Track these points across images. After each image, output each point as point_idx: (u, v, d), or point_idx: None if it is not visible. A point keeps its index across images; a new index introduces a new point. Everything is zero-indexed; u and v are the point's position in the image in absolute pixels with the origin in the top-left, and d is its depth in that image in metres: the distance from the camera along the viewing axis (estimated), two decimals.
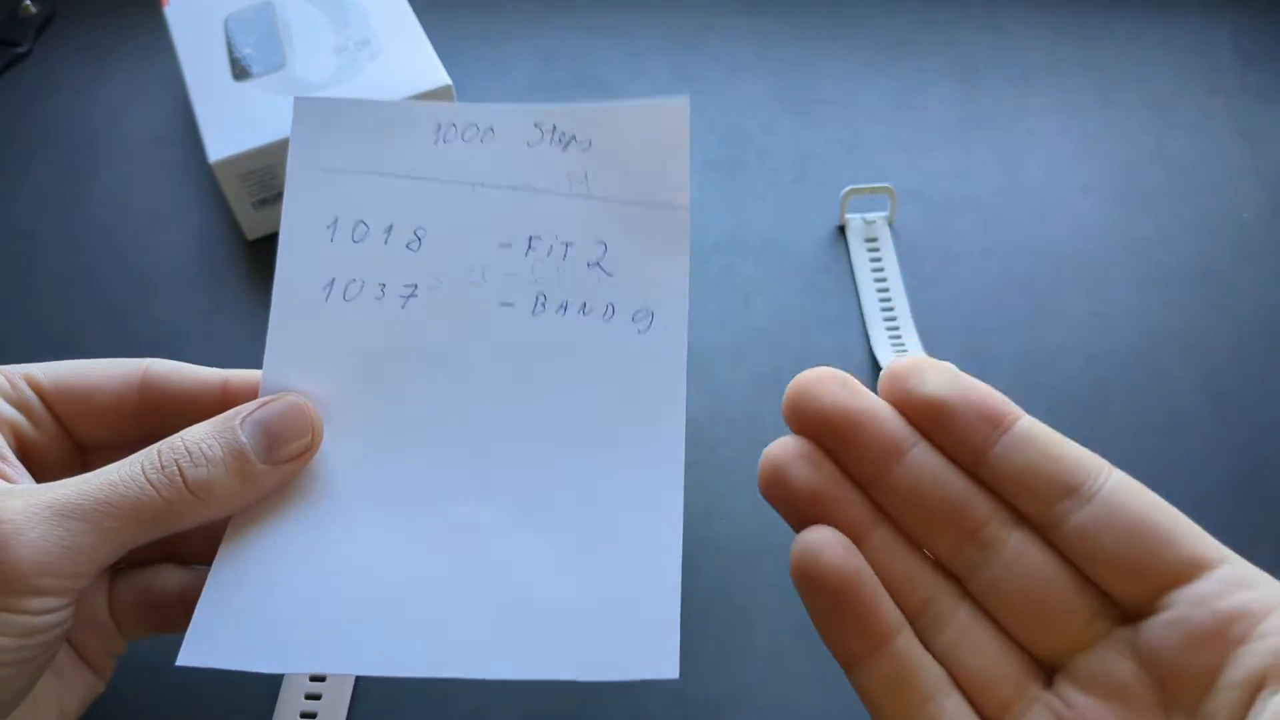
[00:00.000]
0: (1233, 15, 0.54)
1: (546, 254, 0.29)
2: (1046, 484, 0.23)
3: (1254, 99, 0.50)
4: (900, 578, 0.24)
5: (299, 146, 0.30)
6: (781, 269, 0.45)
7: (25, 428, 0.29)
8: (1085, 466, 0.23)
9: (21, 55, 0.56)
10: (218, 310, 0.45)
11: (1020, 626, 0.23)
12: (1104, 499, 0.23)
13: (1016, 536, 0.23)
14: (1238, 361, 0.41)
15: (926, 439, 0.24)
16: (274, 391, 0.29)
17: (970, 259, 0.45)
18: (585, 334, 0.29)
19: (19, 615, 0.24)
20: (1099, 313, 0.43)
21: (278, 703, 0.33)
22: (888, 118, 0.50)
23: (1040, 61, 0.52)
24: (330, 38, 0.47)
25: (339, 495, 0.28)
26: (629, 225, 0.29)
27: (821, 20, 0.55)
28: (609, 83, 0.52)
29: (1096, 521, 0.22)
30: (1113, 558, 0.22)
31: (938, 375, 0.24)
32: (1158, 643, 0.22)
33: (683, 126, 0.29)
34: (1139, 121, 0.50)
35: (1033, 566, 0.23)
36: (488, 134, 0.30)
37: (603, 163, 0.29)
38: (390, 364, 0.29)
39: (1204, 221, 0.46)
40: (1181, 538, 0.22)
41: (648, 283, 0.29)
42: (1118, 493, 0.23)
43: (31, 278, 0.47)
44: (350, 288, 0.29)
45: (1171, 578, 0.22)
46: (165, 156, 0.51)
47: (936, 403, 0.23)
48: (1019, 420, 0.23)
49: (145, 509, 0.25)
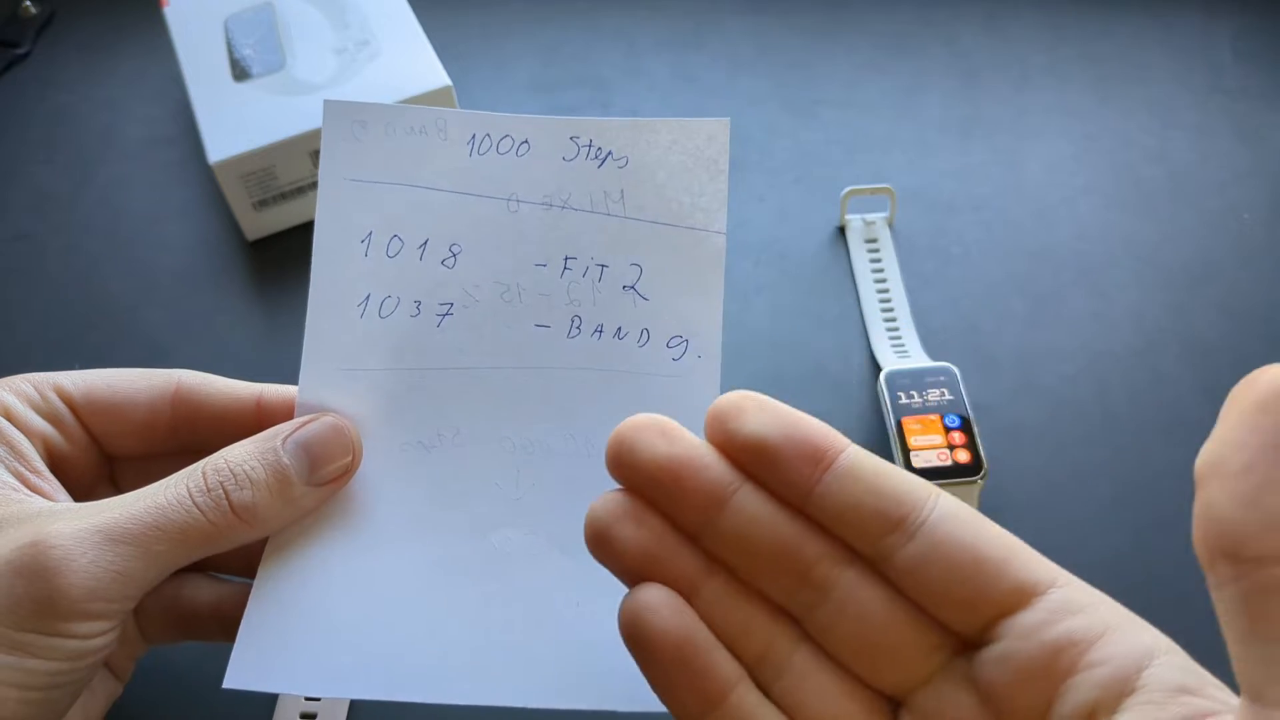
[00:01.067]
0: (1233, 15, 0.54)
1: (582, 275, 0.29)
2: (871, 519, 0.22)
3: (1254, 99, 0.50)
4: (736, 628, 0.23)
5: (330, 154, 0.29)
6: (781, 270, 0.45)
7: (56, 440, 0.29)
8: (910, 498, 0.22)
9: (21, 56, 0.56)
10: (218, 311, 0.45)
11: (860, 664, 0.23)
12: (929, 531, 0.22)
13: (849, 574, 0.23)
14: (1238, 361, 0.41)
15: (753, 480, 0.23)
16: (310, 409, 0.29)
17: (970, 259, 0.45)
18: (620, 359, 0.28)
19: (69, 640, 0.24)
20: (1099, 313, 0.43)
21: (278, 705, 0.33)
22: (888, 118, 0.50)
23: (1040, 61, 0.52)
24: (330, 38, 0.47)
25: (376, 516, 0.28)
26: (664, 248, 0.29)
27: (821, 20, 0.55)
28: (609, 82, 0.52)
29: (923, 554, 0.22)
30: (942, 590, 0.22)
31: (758, 414, 0.23)
32: (991, 676, 0.21)
33: (723, 147, 0.29)
34: (1139, 122, 0.50)
35: (867, 603, 0.22)
36: (523, 146, 0.29)
37: (639, 181, 0.29)
38: (426, 383, 0.29)
39: (1204, 222, 0.46)
40: (1011, 564, 0.22)
41: (682, 309, 0.28)
42: (943, 523, 0.22)
43: (31, 278, 0.47)
44: (386, 304, 0.29)
45: (1001, 607, 0.21)
46: (165, 157, 0.51)
47: (757, 442, 0.23)
48: (842, 454, 0.23)
49: (192, 532, 0.25)
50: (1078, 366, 0.41)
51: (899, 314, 0.43)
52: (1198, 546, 0.18)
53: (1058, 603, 0.21)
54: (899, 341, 0.42)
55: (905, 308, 0.43)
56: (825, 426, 0.23)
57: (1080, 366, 0.42)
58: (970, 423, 0.37)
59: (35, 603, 0.24)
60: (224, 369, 0.31)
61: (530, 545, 0.27)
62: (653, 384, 0.28)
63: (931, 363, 0.39)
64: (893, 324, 0.42)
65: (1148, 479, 0.38)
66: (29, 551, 0.24)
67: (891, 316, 0.43)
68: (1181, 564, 0.36)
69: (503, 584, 0.27)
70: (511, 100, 0.52)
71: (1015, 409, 0.40)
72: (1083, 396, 0.41)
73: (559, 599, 0.27)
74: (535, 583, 0.27)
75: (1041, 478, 0.38)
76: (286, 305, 0.45)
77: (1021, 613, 0.21)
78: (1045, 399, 0.40)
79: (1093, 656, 0.20)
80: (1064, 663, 0.20)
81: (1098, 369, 0.42)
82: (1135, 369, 0.41)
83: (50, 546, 0.24)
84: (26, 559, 0.24)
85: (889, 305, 0.43)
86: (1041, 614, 0.21)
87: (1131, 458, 0.39)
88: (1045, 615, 0.21)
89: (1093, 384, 0.41)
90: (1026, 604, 0.21)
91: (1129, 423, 0.40)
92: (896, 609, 0.22)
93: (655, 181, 0.29)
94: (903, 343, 0.41)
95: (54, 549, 0.24)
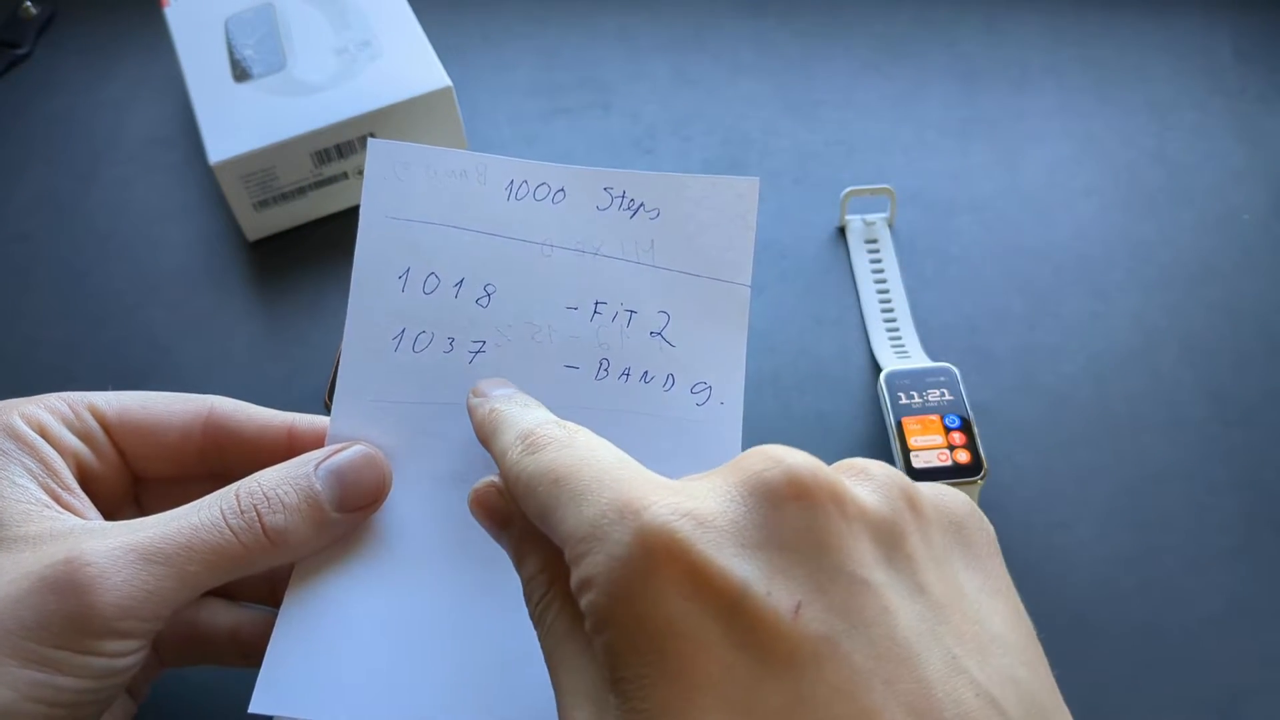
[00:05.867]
0: (1233, 16, 0.54)
1: (611, 319, 0.30)
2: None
3: (1254, 100, 0.50)
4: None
5: (373, 192, 0.30)
6: (781, 270, 0.45)
7: (87, 458, 0.29)
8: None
9: (22, 57, 0.56)
10: (218, 311, 0.45)
11: None
12: None
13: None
14: (1237, 362, 0.41)
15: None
16: (342, 438, 0.29)
17: (970, 260, 0.45)
18: (646, 402, 0.29)
19: (98, 658, 0.24)
20: (1099, 313, 0.43)
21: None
22: (888, 118, 0.50)
23: (1040, 62, 0.52)
24: (331, 39, 0.47)
25: (404, 547, 0.28)
26: (691, 297, 0.30)
27: (821, 21, 0.55)
28: (609, 83, 0.52)
29: None
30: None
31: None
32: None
33: (751, 205, 0.30)
34: (1139, 122, 0.50)
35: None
36: (559, 194, 0.30)
37: (669, 233, 0.30)
38: (458, 418, 0.29)
39: (1204, 223, 0.46)
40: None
41: (707, 356, 0.29)
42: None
43: (31, 278, 0.47)
44: (420, 339, 0.30)
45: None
46: (166, 158, 0.51)
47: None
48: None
49: (224, 554, 0.26)
50: (1077, 366, 0.41)
51: (899, 314, 0.43)
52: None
53: None
54: (899, 342, 0.42)
55: (905, 308, 0.43)
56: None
57: (1080, 366, 0.42)
58: (970, 423, 0.37)
59: (68, 620, 0.24)
60: (224, 368, 0.31)
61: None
62: (676, 427, 0.29)
63: (931, 363, 0.39)
64: (893, 324, 0.42)
65: (1147, 479, 0.38)
66: (63, 569, 0.24)
67: (891, 317, 0.43)
68: (1181, 563, 0.36)
69: (526, 616, 0.27)
70: (511, 101, 0.52)
71: (1015, 409, 0.40)
72: (1082, 396, 0.41)
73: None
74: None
75: (1041, 478, 0.38)
76: (286, 305, 0.45)
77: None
78: (1045, 399, 0.40)
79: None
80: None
81: (1097, 369, 0.42)
82: (1135, 369, 0.41)
83: (85, 564, 0.24)
84: (60, 575, 0.24)
85: (889, 305, 0.43)
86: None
87: (1131, 458, 0.39)
88: None
89: (1092, 384, 0.41)
90: None
91: (1128, 423, 0.40)
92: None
93: (685, 233, 0.30)
94: (903, 343, 0.41)
95: (88, 566, 0.24)
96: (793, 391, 0.41)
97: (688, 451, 0.29)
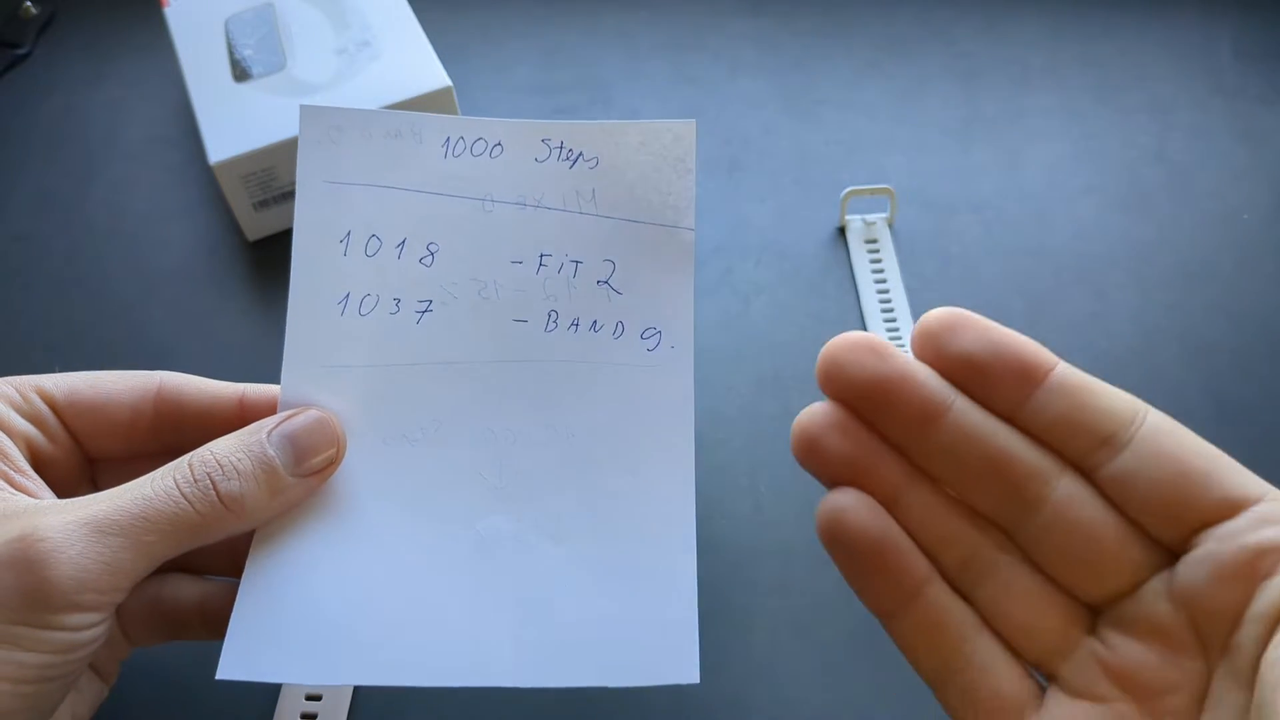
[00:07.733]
0: (1233, 15, 0.54)
1: (557, 271, 0.30)
2: (1082, 434, 0.23)
3: (1254, 99, 0.50)
4: (937, 534, 0.24)
5: (308, 157, 0.30)
6: (782, 270, 0.45)
7: (39, 440, 0.29)
8: (1120, 413, 0.23)
9: (22, 56, 0.56)
10: (218, 311, 0.45)
11: (1067, 574, 0.23)
12: (1138, 444, 0.22)
13: (1062, 486, 0.23)
14: (1238, 362, 0.41)
15: (964, 393, 0.24)
16: (294, 405, 0.29)
17: (970, 260, 0.45)
18: (596, 351, 0.29)
19: (59, 632, 0.24)
20: (1099, 313, 0.43)
21: (278, 705, 0.33)
22: (888, 118, 0.50)
23: (1040, 61, 0.52)
24: (330, 39, 0.47)
25: (363, 508, 0.28)
26: (636, 244, 0.30)
27: (821, 21, 0.55)
28: (609, 83, 0.52)
29: (1130, 467, 0.22)
30: (1148, 502, 0.22)
31: (969, 331, 0.24)
32: (1189, 580, 0.21)
33: (689, 147, 0.30)
34: (1139, 122, 0.50)
35: (1079, 514, 0.23)
36: (496, 148, 0.30)
37: (610, 180, 0.30)
38: (407, 379, 0.29)
39: (1204, 223, 0.46)
40: (1217, 477, 0.22)
41: (655, 301, 0.29)
42: (1152, 437, 0.22)
43: (32, 278, 0.47)
44: (365, 302, 0.30)
45: (1206, 517, 0.22)
46: (165, 157, 0.51)
47: (967, 360, 0.23)
48: (1052, 371, 0.23)
49: (181, 523, 0.26)
50: (1077, 366, 0.41)
51: (899, 314, 0.43)
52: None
53: (1265, 513, 0.21)
54: (899, 342, 0.42)
55: (905, 308, 0.43)
56: (1035, 345, 0.24)
57: (1080, 366, 0.41)
58: None
59: (25, 595, 0.24)
60: (224, 369, 0.31)
61: (516, 531, 0.28)
62: (628, 374, 0.29)
63: None
64: (893, 324, 0.42)
65: None
66: (17, 545, 0.24)
67: (891, 317, 0.43)
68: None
69: (491, 569, 0.28)
70: (511, 101, 0.52)
71: None
72: None
73: (547, 581, 0.28)
74: (523, 567, 0.28)
75: None
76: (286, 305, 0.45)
77: (1228, 521, 0.21)
78: None
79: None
80: (1265, 565, 0.21)
81: (1097, 369, 0.41)
82: (1135, 369, 0.41)
83: (39, 539, 0.24)
84: (15, 552, 0.24)
85: (889, 306, 0.43)
86: (1246, 521, 0.21)
87: None
88: (1249, 522, 0.21)
89: None
90: (1234, 514, 0.21)
91: None
92: (1108, 520, 0.23)
93: (625, 181, 0.30)
94: (903, 343, 0.41)
95: (42, 541, 0.24)
96: (793, 391, 0.41)
97: (639, 394, 0.29)
